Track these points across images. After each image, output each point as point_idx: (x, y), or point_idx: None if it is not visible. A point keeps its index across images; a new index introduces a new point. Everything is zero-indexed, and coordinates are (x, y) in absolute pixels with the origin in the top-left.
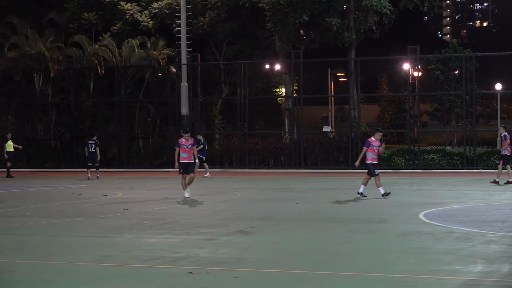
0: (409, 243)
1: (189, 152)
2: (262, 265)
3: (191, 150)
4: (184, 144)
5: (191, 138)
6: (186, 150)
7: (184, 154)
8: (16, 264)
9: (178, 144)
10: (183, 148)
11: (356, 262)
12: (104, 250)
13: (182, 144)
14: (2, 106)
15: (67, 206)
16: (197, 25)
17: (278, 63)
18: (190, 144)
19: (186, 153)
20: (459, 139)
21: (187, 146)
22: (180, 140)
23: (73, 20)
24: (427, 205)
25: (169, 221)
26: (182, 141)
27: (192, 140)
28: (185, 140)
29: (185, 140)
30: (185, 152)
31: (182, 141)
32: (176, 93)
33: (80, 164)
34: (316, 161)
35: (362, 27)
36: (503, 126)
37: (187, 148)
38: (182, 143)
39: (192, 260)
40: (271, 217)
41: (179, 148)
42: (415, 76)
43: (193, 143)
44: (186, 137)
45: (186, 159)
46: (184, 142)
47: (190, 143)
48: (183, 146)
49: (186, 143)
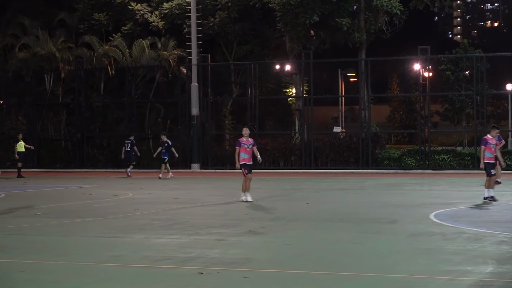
0: (419, 243)
1: (250, 153)
2: (272, 266)
3: (251, 150)
4: (245, 144)
5: (251, 138)
6: (247, 150)
7: (245, 154)
8: (26, 264)
9: (239, 144)
10: (243, 147)
11: (366, 262)
12: (114, 250)
13: (243, 144)
14: (13, 106)
15: (78, 206)
16: (207, 25)
17: (288, 64)
18: (251, 144)
19: (247, 153)
20: (470, 140)
21: (248, 146)
22: (240, 140)
23: (84, 21)
24: (437, 205)
25: (179, 222)
26: (242, 141)
27: (252, 140)
28: (246, 139)
29: (246, 140)
30: (246, 152)
31: (243, 140)
32: (186, 94)
33: (91, 165)
34: (326, 161)
35: (372, 28)
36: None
37: (248, 148)
38: (243, 142)
39: (202, 261)
40: (281, 217)
41: (240, 148)
42: (425, 77)
43: (253, 143)
44: (246, 136)
45: (247, 160)
46: (245, 141)
47: (251, 142)
48: (244, 145)
49: (247, 143)
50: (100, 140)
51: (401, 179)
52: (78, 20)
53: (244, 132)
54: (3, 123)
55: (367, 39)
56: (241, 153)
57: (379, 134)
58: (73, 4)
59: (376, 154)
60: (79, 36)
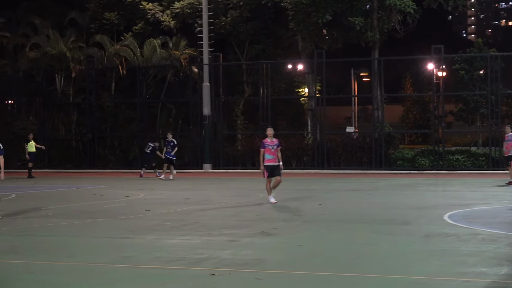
0: (433, 245)
1: (274, 154)
2: (285, 267)
3: (276, 151)
4: (269, 145)
5: (276, 138)
6: (272, 151)
7: (269, 155)
8: (36, 264)
9: (263, 145)
10: (268, 149)
11: (379, 263)
12: (125, 251)
13: (267, 145)
14: (23, 106)
15: (89, 206)
16: (219, 24)
17: (300, 63)
18: (275, 145)
19: (271, 154)
20: (484, 140)
21: (272, 147)
22: (264, 141)
23: (95, 20)
24: (451, 206)
25: (191, 222)
26: (267, 142)
27: (277, 141)
28: (270, 140)
29: (270, 140)
30: (271, 153)
31: (267, 141)
32: (198, 94)
33: (101, 165)
34: (339, 162)
35: (385, 27)
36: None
37: (272, 149)
38: (267, 143)
39: (214, 262)
40: (294, 218)
41: (264, 149)
42: (439, 76)
43: (278, 144)
44: (270, 137)
45: (271, 161)
46: (269, 142)
47: (275, 143)
48: (268, 147)
49: (271, 144)
50: (111, 140)
51: (414, 179)
52: (89, 19)
53: (268, 133)
54: (14, 123)
55: (380, 38)
56: (266, 154)
57: (392, 134)
58: (84, 3)
59: (389, 155)
60: (90, 35)
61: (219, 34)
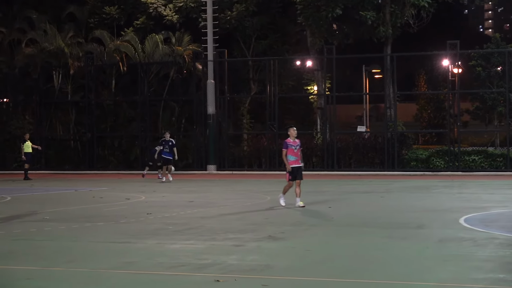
0: (448, 249)
1: (297, 155)
2: (293, 273)
3: (299, 152)
4: (292, 145)
5: (298, 139)
6: (295, 152)
7: (292, 156)
8: (33, 271)
9: (286, 145)
10: (291, 149)
11: (391, 269)
12: (126, 256)
13: (290, 145)
14: (20, 104)
15: (88, 210)
16: (224, 19)
17: (309, 59)
18: (298, 145)
19: (294, 155)
20: (502, 140)
21: (295, 148)
22: (287, 141)
23: (94, 15)
24: (467, 209)
25: (194, 226)
26: (289, 142)
27: (299, 141)
28: (293, 140)
29: (293, 141)
30: (294, 154)
31: (290, 141)
32: (202, 91)
33: (101, 166)
34: (350, 162)
35: (398, 21)
36: None
37: (295, 150)
38: (290, 144)
39: (219, 267)
40: (302, 222)
41: (287, 150)
42: (454, 73)
43: (300, 145)
44: (293, 137)
45: (294, 162)
46: (291, 142)
47: (298, 144)
48: (291, 147)
49: (294, 144)
50: (111, 140)
51: (429, 181)
52: (88, 13)
53: (290, 133)
54: (9, 122)
55: (393, 33)
56: (288, 155)
57: (405, 134)
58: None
59: (402, 155)
60: (89, 30)
61: (224, 29)
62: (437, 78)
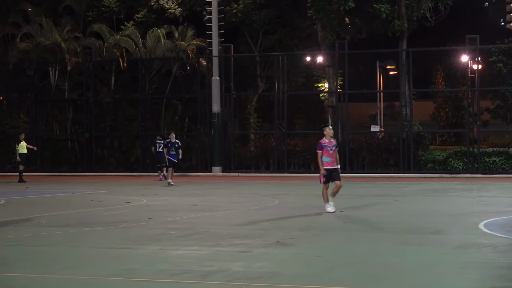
0: (467, 256)
1: (333, 156)
2: (303, 281)
3: (334, 153)
4: (328, 146)
5: (334, 139)
6: (330, 153)
7: (328, 158)
8: (29, 278)
9: (320, 146)
10: (326, 150)
11: (406, 277)
12: (126, 263)
13: (325, 146)
14: (14, 103)
15: (86, 214)
16: (230, 12)
17: (320, 55)
18: (334, 146)
19: (329, 157)
20: None
21: (330, 148)
22: (322, 141)
23: (92, 8)
24: (488, 213)
25: (198, 231)
26: (324, 142)
27: (335, 141)
28: (328, 140)
29: (328, 141)
30: (329, 155)
31: (325, 142)
32: (206, 89)
33: (100, 168)
34: (363, 164)
35: (414, 14)
36: None
37: (331, 151)
38: (325, 144)
39: (224, 275)
40: (313, 226)
41: (322, 151)
42: (474, 69)
43: (337, 145)
44: (329, 137)
45: (330, 164)
46: (327, 143)
47: (334, 144)
48: (326, 148)
49: (329, 144)
50: (111, 141)
51: (446, 184)
52: (86, 6)
53: (326, 132)
54: (3, 121)
55: (408, 27)
56: (324, 156)
57: (422, 134)
58: None
59: (418, 156)
60: (87, 24)
61: (230, 23)
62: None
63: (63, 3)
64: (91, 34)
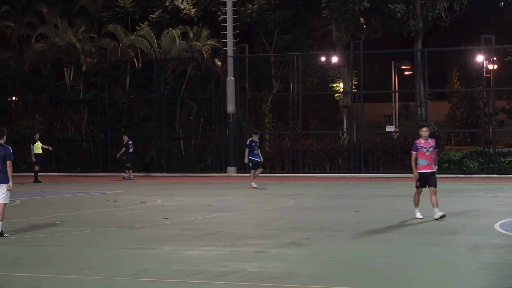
0: (482, 257)
1: (430, 158)
2: (318, 281)
3: (432, 154)
4: (424, 147)
5: (432, 139)
6: (427, 155)
7: (424, 161)
8: (43, 278)
9: (415, 147)
10: (422, 152)
11: (422, 278)
12: (141, 263)
13: (421, 147)
14: (29, 103)
15: (101, 214)
16: (245, 12)
17: (335, 55)
18: (431, 147)
19: (426, 159)
20: None
21: (427, 150)
22: (417, 142)
23: (107, 8)
24: (503, 214)
25: (213, 232)
26: (420, 143)
27: (433, 142)
28: (424, 141)
29: (424, 141)
30: (425, 158)
31: (421, 142)
32: (221, 89)
33: (115, 168)
34: (378, 164)
35: (430, 14)
36: None
37: (427, 153)
38: (421, 145)
39: (239, 275)
40: (328, 227)
41: (417, 153)
42: (489, 69)
43: (435, 146)
44: (425, 137)
45: (426, 167)
46: (423, 144)
47: (431, 145)
48: (422, 149)
49: (426, 145)
50: None
51: (462, 184)
52: (101, 7)
53: (422, 132)
54: (18, 122)
55: (423, 27)
56: (419, 158)
57: (437, 134)
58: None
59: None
60: (102, 25)
61: (245, 23)
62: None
63: (78, 4)
64: (106, 35)
